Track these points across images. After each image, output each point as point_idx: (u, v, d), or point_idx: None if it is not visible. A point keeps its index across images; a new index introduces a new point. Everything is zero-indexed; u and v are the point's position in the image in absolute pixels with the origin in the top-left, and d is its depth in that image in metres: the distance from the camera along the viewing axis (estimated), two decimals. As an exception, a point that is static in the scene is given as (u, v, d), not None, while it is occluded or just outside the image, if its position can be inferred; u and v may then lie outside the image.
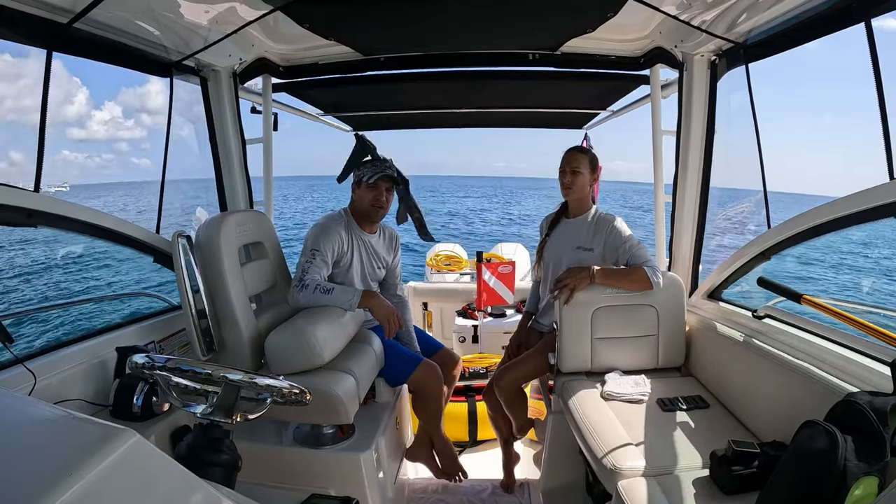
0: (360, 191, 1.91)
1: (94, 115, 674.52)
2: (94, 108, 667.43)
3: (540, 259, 2.15)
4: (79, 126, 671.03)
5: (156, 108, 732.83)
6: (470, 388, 2.63)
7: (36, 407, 0.67)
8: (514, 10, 1.68)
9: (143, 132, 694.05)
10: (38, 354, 1.40)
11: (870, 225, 1.31)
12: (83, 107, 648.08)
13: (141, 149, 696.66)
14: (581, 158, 1.95)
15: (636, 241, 1.87)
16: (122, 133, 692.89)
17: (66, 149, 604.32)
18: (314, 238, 1.83)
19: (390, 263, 2.12)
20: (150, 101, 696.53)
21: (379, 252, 2.03)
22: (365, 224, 1.97)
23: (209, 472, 0.91)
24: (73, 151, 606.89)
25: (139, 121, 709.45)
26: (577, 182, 1.95)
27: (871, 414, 0.96)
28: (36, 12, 1.32)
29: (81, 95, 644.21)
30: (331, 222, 1.89)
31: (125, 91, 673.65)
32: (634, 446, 1.40)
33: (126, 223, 1.73)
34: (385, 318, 1.82)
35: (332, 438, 1.69)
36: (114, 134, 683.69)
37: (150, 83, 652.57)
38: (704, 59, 1.89)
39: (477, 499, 2.11)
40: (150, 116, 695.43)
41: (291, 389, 1.03)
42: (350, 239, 1.92)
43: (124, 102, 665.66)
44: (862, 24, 1.24)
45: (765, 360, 1.50)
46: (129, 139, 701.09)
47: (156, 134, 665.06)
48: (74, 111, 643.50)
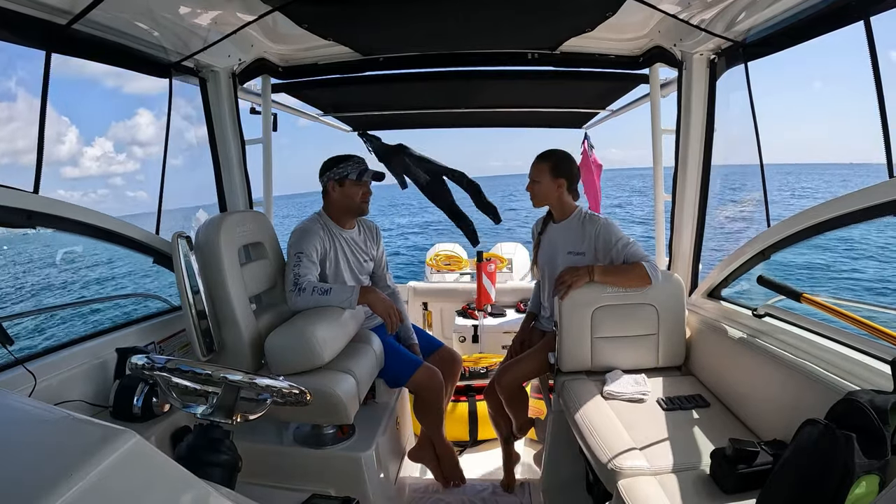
0: (345, 188, 1.92)
1: (86, 152, 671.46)
2: (86, 146, 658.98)
3: (536, 262, 2.16)
4: (72, 164, 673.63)
5: (146, 139, 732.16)
6: (470, 388, 2.63)
7: (36, 408, 0.67)
8: (513, 10, 1.68)
9: (136, 165, 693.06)
10: (39, 356, 1.40)
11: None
12: (74, 145, 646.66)
13: (136, 181, 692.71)
14: (539, 168, 1.96)
15: (628, 239, 1.87)
16: (115, 168, 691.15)
17: (61, 188, 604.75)
18: (296, 243, 1.85)
19: (376, 255, 2.13)
20: (140, 133, 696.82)
21: (361, 245, 2.04)
22: (344, 221, 1.99)
23: (209, 473, 0.90)
24: (69, 190, 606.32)
25: (131, 154, 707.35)
26: (535, 191, 1.98)
27: (871, 412, 0.96)
28: (35, 13, 1.32)
29: (72, 134, 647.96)
30: (308, 225, 1.92)
31: (115, 125, 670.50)
32: (635, 446, 1.39)
33: (126, 224, 1.73)
34: (385, 312, 1.82)
35: (333, 438, 1.69)
36: (107, 169, 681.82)
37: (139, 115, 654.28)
38: (703, 58, 1.89)
39: (477, 498, 2.11)
40: (141, 149, 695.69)
41: (291, 390, 1.03)
42: (331, 238, 1.93)
43: (115, 137, 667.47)
44: (861, 22, 1.24)
45: (765, 359, 1.50)
46: (122, 173, 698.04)
47: (149, 165, 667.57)
48: (66, 150, 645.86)
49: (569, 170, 1.98)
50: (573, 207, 2.01)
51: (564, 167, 1.96)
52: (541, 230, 2.12)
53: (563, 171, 1.96)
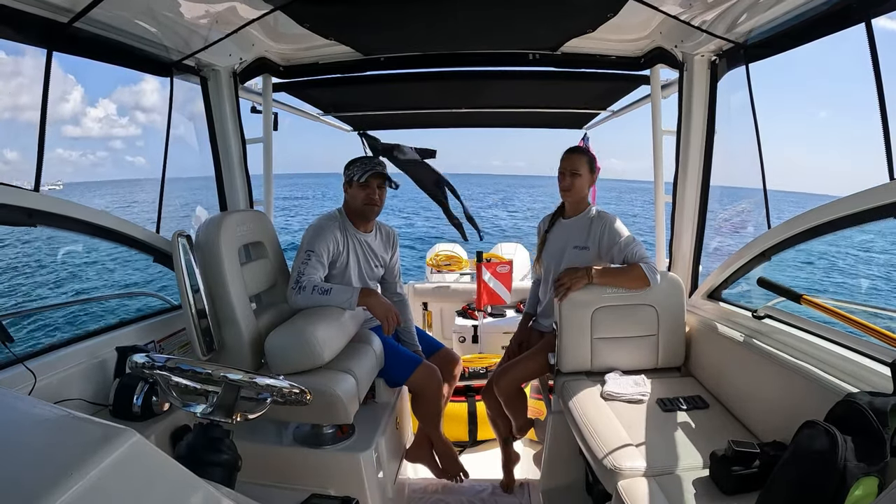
0: (353, 190, 1.92)
1: (89, 112, 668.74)
2: (90, 106, 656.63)
3: (539, 259, 2.15)
4: (73, 123, 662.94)
5: (150, 105, 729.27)
6: (470, 388, 2.63)
7: (36, 406, 0.67)
8: (514, 10, 1.68)
9: (137, 130, 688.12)
10: (38, 354, 1.40)
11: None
12: (78, 104, 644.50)
13: (136, 146, 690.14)
14: (580, 160, 1.95)
15: (632, 238, 1.87)
16: (116, 131, 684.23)
17: (60, 146, 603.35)
18: (309, 239, 1.84)
19: (389, 262, 2.11)
20: (144, 99, 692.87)
21: (376, 251, 2.03)
22: (360, 223, 1.97)
23: (209, 472, 0.91)
24: (68, 149, 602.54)
25: (134, 118, 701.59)
26: (576, 184, 1.95)
27: (870, 414, 0.96)
28: (36, 12, 1.32)
29: (76, 93, 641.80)
30: (326, 223, 1.90)
31: (121, 89, 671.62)
32: (634, 446, 1.40)
33: (126, 223, 1.73)
34: (383, 315, 1.82)
35: (332, 438, 1.69)
36: (108, 132, 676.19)
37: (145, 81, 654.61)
38: (705, 60, 1.89)
39: (477, 499, 2.11)
40: (144, 114, 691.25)
41: (291, 389, 1.03)
42: (345, 239, 1.92)
43: (119, 100, 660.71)
44: (862, 24, 1.24)
45: (765, 361, 1.50)
46: (123, 137, 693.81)
47: (150, 132, 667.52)
48: (70, 108, 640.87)
49: (596, 166, 2.03)
50: (587, 204, 2.03)
51: (595, 163, 2.01)
52: (547, 228, 2.11)
53: (594, 167, 2.00)
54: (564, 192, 1.98)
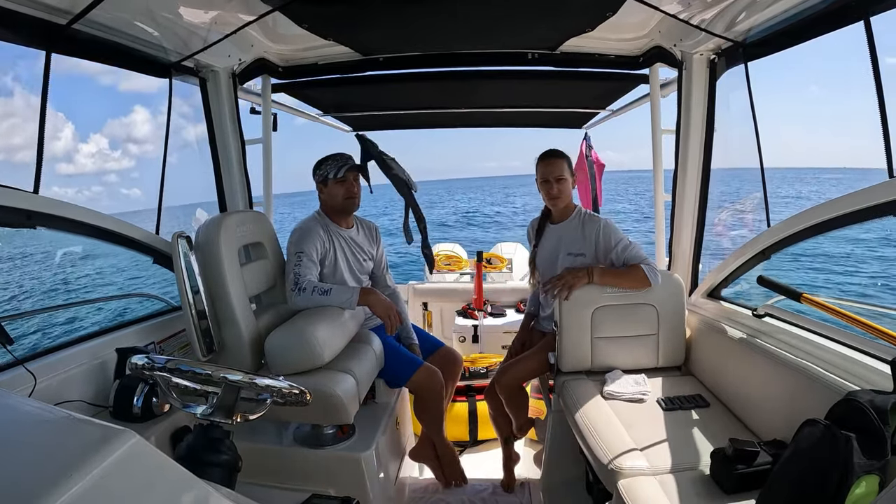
0: (329, 188, 1.92)
1: (82, 148, 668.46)
2: (81, 142, 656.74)
3: (534, 268, 2.13)
4: (67, 161, 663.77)
5: (142, 137, 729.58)
6: (470, 388, 2.63)
7: (36, 408, 0.67)
8: (513, 10, 1.68)
9: (131, 162, 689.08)
10: (39, 356, 1.40)
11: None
12: (70, 142, 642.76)
13: (130, 178, 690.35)
14: (561, 164, 1.92)
15: (628, 241, 1.86)
16: (110, 165, 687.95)
17: (55, 185, 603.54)
18: (296, 242, 1.85)
19: (375, 255, 2.12)
20: (136, 130, 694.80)
21: (361, 245, 2.04)
22: (341, 220, 1.99)
23: (209, 473, 0.90)
24: (63, 187, 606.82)
25: (126, 151, 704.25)
26: (564, 190, 1.92)
27: (871, 412, 0.96)
28: (34, 13, 1.32)
29: (68, 130, 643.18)
30: (308, 224, 1.91)
31: (111, 122, 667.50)
32: (635, 446, 1.39)
33: (126, 224, 1.73)
34: (385, 313, 1.82)
35: (333, 438, 1.69)
36: (102, 166, 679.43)
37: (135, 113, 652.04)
38: (703, 58, 1.89)
39: (477, 498, 2.11)
40: (137, 146, 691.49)
41: (291, 390, 1.03)
42: (330, 238, 1.93)
43: (111, 134, 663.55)
44: (861, 22, 1.24)
45: (765, 359, 1.50)
46: (117, 170, 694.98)
47: (143, 162, 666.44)
48: (62, 146, 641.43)
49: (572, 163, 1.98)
50: (573, 207, 2.00)
51: (570, 160, 1.97)
52: (536, 235, 2.09)
53: (571, 164, 1.96)
54: (553, 199, 1.92)
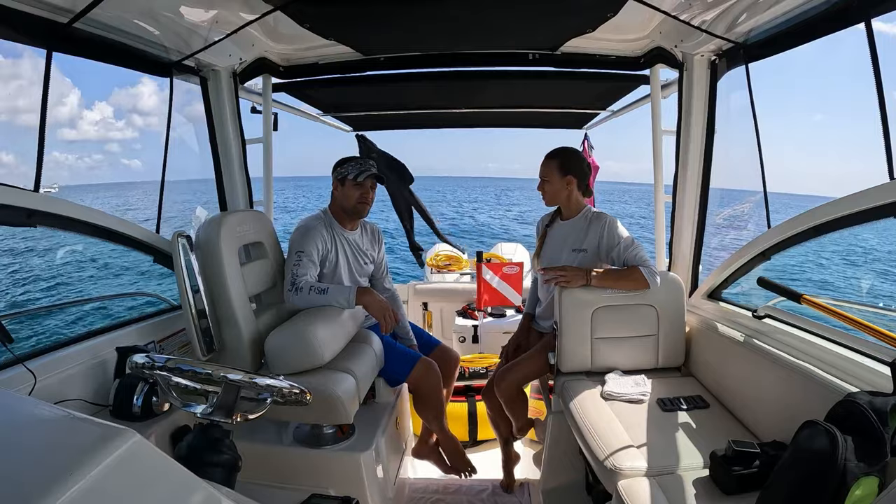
0: (345, 188, 1.92)
1: (86, 115, 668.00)
2: (86, 109, 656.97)
3: (538, 257, 2.14)
4: (70, 126, 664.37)
5: (147, 109, 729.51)
6: (470, 388, 2.63)
7: (36, 407, 0.67)
8: (513, 10, 1.68)
9: (134, 133, 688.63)
10: (38, 354, 1.40)
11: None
12: (75, 107, 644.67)
13: (132, 149, 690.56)
14: (548, 167, 1.94)
15: (631, 240, 1.86)
16: (113, 134, 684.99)
17: (56, 150, 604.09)
18: (298, 241, 1.85)
19: (376, 258, 2.13)
20: (141, 102, 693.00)
21: (363, 248, 2.04)
22: (346, 222, 1.99)
23: (209, 472, 0.91)
24: (64, 152, 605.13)
25: (130, 121, 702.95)
26: (546, 190, 1.97)
27: (871, 414, 0.96)
28: (36, 12, 1.32)
29: (73, 96, 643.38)
30: (312, 223, 1.91)
31: (117, 92, 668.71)
32: (635, 446, 1.39)
33: (126, 223, 1.73)
34: (381, 313, 1.82)
35: (332, 438, 1.69)
36: (105, 135, 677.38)
37: (142, 84, 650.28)
38: (704, 59, 1.89)
39: (477, 499, 2.11)
40: (141, 117, 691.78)
41: (291, 389, 1.03)
42: (333, 238, 1.93)
43: (116, 103, 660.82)
44: (862, 24, 1.25)
45: (765, 360, 1.50)
46: (119, 140, 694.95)
47: (146, 134, 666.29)
48: (66, 112, 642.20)
49: (578, 167, 1.95)
50: (582, 206, 1.99)
51: (573, 164, 1.95)
52: (548, 224, 2.10)
53: (571, 169, 1.94)
54: (543, 198, 2.01)
